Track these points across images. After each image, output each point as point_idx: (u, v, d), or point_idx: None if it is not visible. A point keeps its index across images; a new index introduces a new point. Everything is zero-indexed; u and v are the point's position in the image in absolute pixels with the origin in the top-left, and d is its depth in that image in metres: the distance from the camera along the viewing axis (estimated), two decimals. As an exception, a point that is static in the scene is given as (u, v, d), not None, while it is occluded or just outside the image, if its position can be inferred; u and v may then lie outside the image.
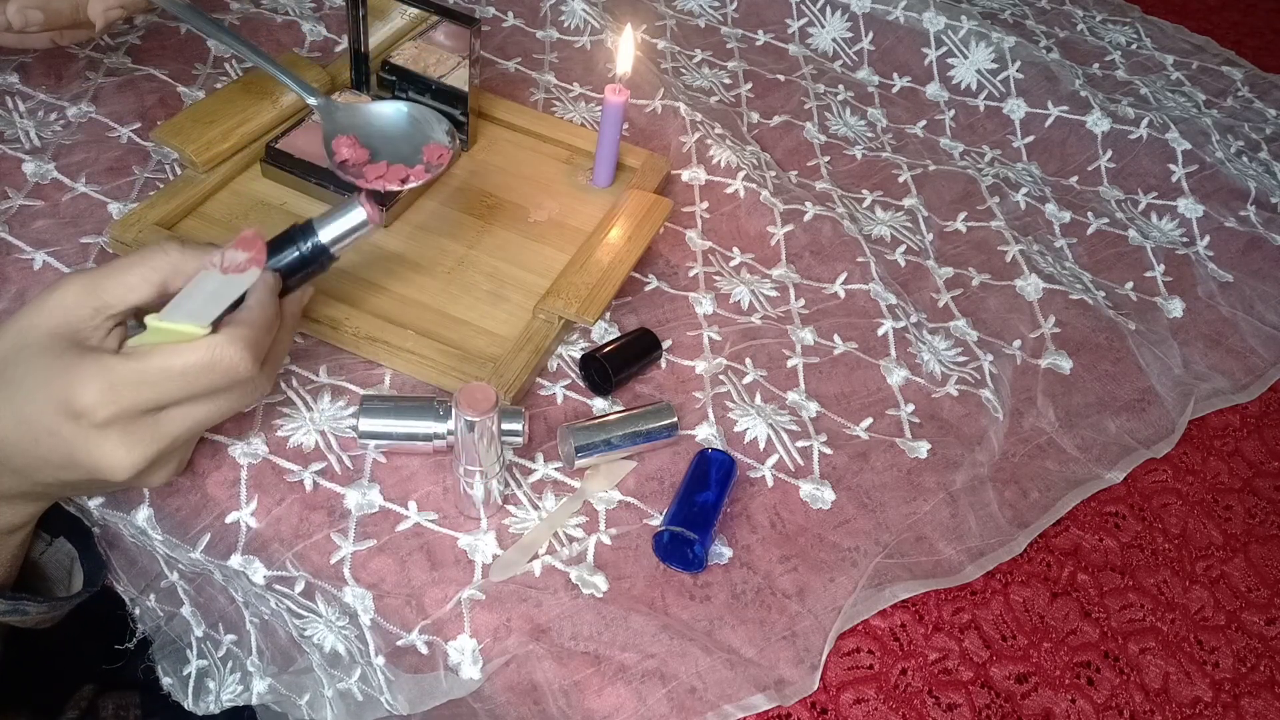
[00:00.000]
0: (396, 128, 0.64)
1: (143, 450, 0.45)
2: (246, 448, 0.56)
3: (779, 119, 0.91)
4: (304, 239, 0.51)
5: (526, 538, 0.55)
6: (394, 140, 0.63)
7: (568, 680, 0.51)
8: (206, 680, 0.61)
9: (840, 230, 0.78)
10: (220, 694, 0.60)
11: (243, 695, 0.59)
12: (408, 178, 0.61)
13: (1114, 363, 0.74)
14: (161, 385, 0.44)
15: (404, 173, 0.61)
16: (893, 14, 1.00)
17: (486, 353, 0.63)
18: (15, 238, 0.65)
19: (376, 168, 0.62)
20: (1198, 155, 0.91)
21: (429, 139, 0.63)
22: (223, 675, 0.60)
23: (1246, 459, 0.71)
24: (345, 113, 0.63)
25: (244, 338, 0.46)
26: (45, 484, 0.47)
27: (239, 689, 0.59)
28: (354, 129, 0.63)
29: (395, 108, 0.64)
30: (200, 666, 0.61)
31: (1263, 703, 0.57)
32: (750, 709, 0.51)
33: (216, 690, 0.60)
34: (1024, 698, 0.55)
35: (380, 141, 0.63)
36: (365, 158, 0.62)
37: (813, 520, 0.60)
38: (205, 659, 0.61)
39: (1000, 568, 0.60)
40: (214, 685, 0.60)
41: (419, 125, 0.64)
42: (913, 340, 0.71)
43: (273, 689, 0.58)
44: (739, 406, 0.64)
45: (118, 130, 0.73)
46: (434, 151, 0.63)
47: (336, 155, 0.62)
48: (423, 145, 0.63)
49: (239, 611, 0.58)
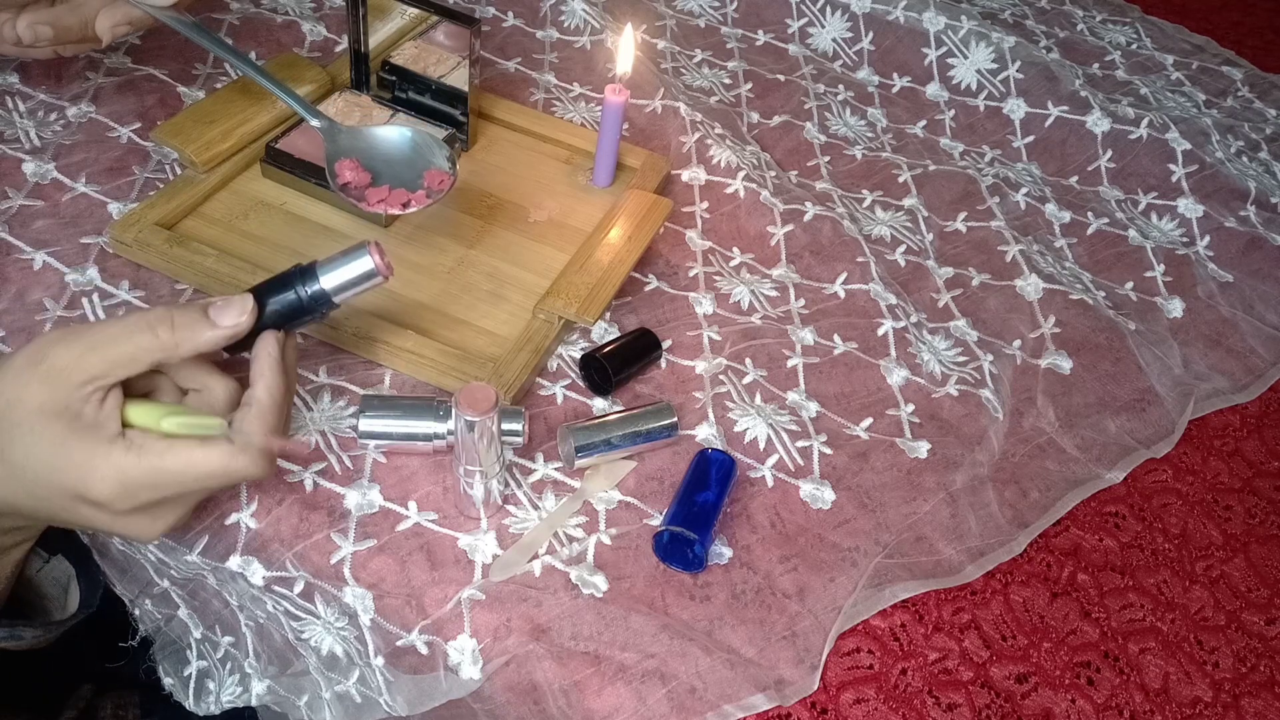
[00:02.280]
0: (399, 152, 0.65)
1: (167, 521, 0.47)
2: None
3: (779, 119, 0.91)
4: (304, 283, 0.49)
5: (526, 538, 0.55)
6: (396, 164, 0.65)
7: (568, 680, 0.50)
8: (207, 681, 0.61)
9: (840, 230, 0.78)
10: (220, 695, 0.60)
11: (242, 696, 0.59)
12: (409, 202, 0.63)
13: (1114, 363, 0.74)
14: (176, 486, 0.44)
15: (405, 197, 0.63)
16: (893, 14, 1.00)
17: (486, 353, 0.63)
18: (15, 238, 0.65)
19: (378, 191, 0.63)
20: (1198, 155, 0.91)
21: (430, 164, 0.65)
22: (222, 676, 0.60)
23: (1246, 459, 0.71)
24: (348, 135, 0.65)
25: (257, 443, 0.45)
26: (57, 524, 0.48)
27: (238, 690, 0.59)
28: (356, 152, 0.64)
29: (399, 132, 0.65)
30: (200, 667, 0.61)
31: (1263, 703, 0.57)
32: (750, 709, 0.51)
33: (217, 691, 0.60)
34: (1024, 698, 0.55)
35: (382, 165, 0.65)
36: (367, 180, 0.64)
37: (813, 520, 0.60)
38: (205, 660, 0.61)
39: (1000, 568, 0.60)
40: (214, 686, 0.60)
41: (421, 150, 0.65)
42: (913, 340, 0.71)
43: (271, 690, 0.58)
44: (739, 406, 0.64)
45: (118, 130, 0.73)
46: (435, 177, 0.64)
47: (339, 178, 0.63)
48: (424, 170, 0.65)
49: (234, 615, 0.58)
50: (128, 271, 0.64)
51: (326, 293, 0.49)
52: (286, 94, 0.64)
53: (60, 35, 0.63)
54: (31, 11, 0.62)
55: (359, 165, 0.64)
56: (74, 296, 0.62)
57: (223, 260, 0.63)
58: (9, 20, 0.62)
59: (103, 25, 0.63)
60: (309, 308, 0.49)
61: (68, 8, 0.63)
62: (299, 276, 0.49)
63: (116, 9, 0.63)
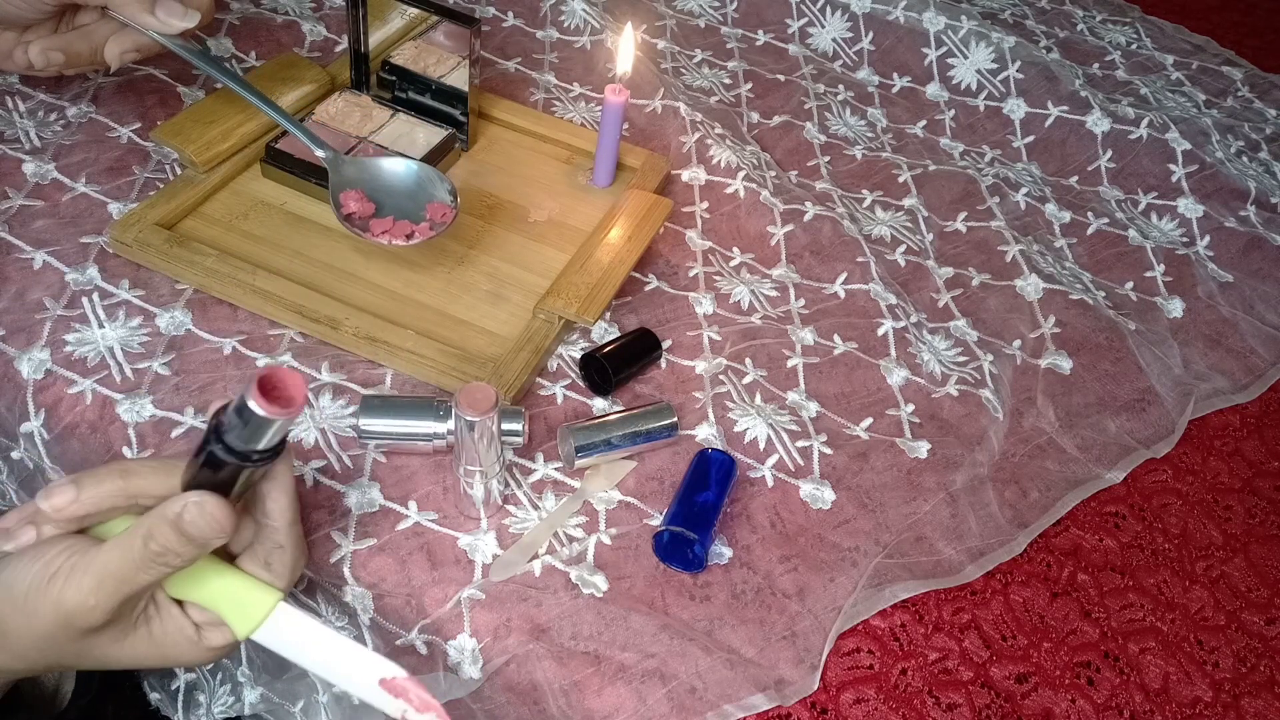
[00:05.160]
0: (402, 184, 0.67)
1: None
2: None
3: (779, 119, 0.91)
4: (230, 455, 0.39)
5: (526, 538, 0.55)
6: (398, 196, 0.66)
7: (568, 680, 0.50)
8: (196, 693, 0.60)
9: (840, 230, 0.78)
10: (212, 706, 0.59)
11: (234, 706, 0.58)
12: (413, 233, 0.64)
13: (1114, 363, 0.74)
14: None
15: (409, 228, 0.65)
16: (893, 14, 1.00)
17: (486, 353, 0.63)
18: (15, 238, 0.65)
19: (383, 222, 0.65)
20: (1198, 155, 0.91)
21: (433, 198, 0.66)
22: (213, 687, 0.59)
23: (1246, 459, 0.71)
24: (352, 167, 0.66)
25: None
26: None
27: (230, 700, 0.59)
28: (361, 183, 0.66)
29: (404, 165, 0.67)
30: (189, 680, 0.60)
31: (1263, 703, 0.57)
32: (750, 709, 0.51)
33: (207, 703, 0.59)
34: (1024, 698, 0.55)
35: (385, 196, 0.66)
36: (371, 211, 0.65)
37: (813, 520, 0.60)
38: (193, 672, 0.60)
39: (1000, 568, 0.60)
40: (204, 698, 0.59)
41: (423, 183, 0.67)
42: (913, 340, 0.71)
43: (265, 698, 0.57)
44: (739, 406, 0.64)
45: (118, 130, 0.73)
46: (438, 210, 0.66)
47: (344, 208, 0.64)
48: (426, 203, 0.66)
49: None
50: (128, 271, 0.64)
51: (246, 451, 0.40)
52: (293, 125, 0.65)
53: (71, 60, 0.64)
54: (44, 38, 0.63)
55: (364, 196, 0.65)
56: (74, 296, 0.62)
57: (223, 260, 0.63)
58: (20, 45, 0.63)
59: (112, 52, 0.64)
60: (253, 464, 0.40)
61: (79, 34, 0.64)
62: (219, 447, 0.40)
63: (125, 37, 0.63)
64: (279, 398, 0.38)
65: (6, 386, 0.59)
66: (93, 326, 0.61)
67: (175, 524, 0.41)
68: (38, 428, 0.58)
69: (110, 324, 0.61)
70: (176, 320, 0.62)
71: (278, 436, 0.40)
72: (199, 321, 0.62)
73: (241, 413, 0.38)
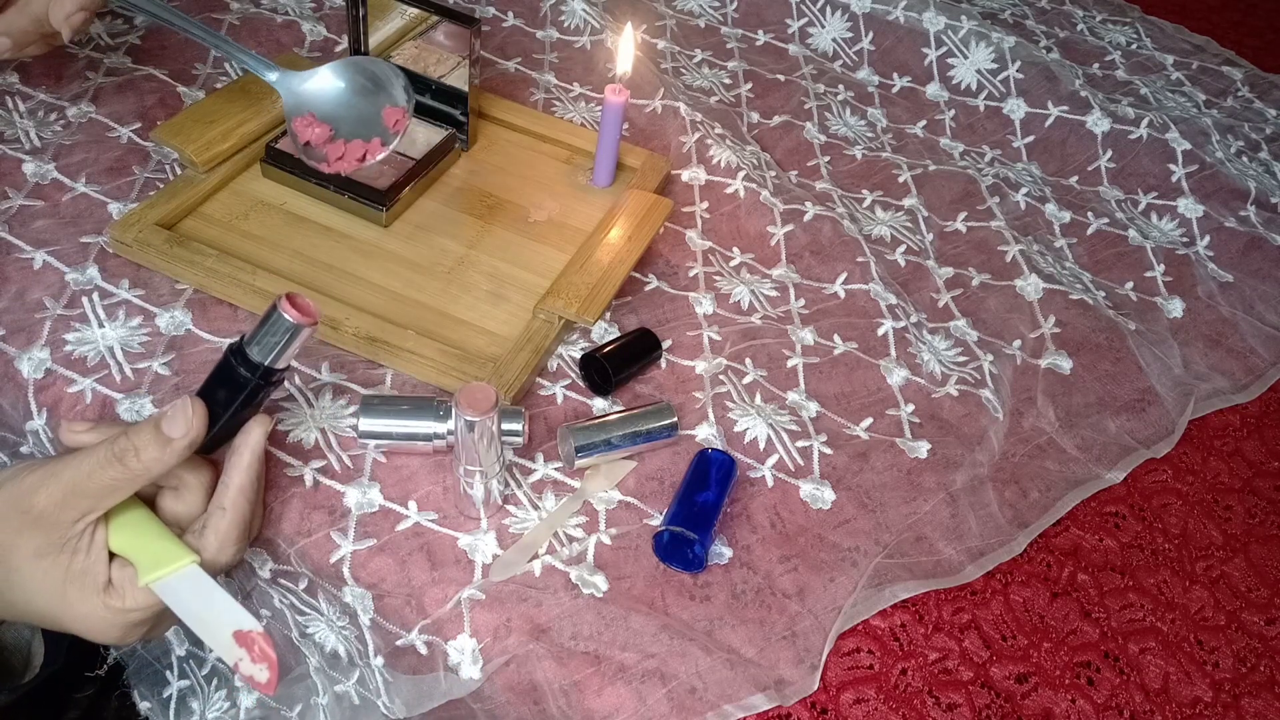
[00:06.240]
0: (353, 94, 0.63)
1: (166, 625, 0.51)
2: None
3: (779, 119, 0.91)
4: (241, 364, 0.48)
5: (526, 538, 0.55)
6: (352, 108, 0.63)
7: (568, 680, 0.50)
8: (189, 701, 0.60)
9: (840, 230, 0.78)
10: (205, 713, 0.59)
11: (230, 712, 0.58)
12: (364, 155, 0.62)
13: (1114, 363, 0.74)
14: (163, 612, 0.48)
15: (361, 149, 0.62)
16: (893, 14, 1.00)
17: (486, 353, 0.63)
18: (15, 237, 0.65)
19: (335, 148, 0.62)
20: (1198, 155, 0.91)
21: (387, 102, 0.62)
22: (207, 694, 0.59)
23: (1246, 459, 0.71)
24: (301, 83, 0.62)
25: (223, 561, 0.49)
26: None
27: (225, 706, 0.58)
28: (312, 104, 0.62)
29: (350, 72, 0.63)
30: (181, 687, 0.60)
31: (1263, 703, 0.57)
32: (750, 709, 0.51)
33: (201, 710, 0.59)
34: (1024, 698, 0.55)
35: (340, 110, 0.63)
36: (326, 135, 0.62)
37: (813, 520, 0.60)
38: (187, 679, 0.60)
39: (1000, 568, 0.60)
40: (198, 706, 0.59)
41: (380, 83, 0.63)
42: (913, 340, 0.71)
43: (261, 703, 0.57)
44: (739, 406, 0.64)
45: (118, 130, 0.73)
46: (391, 115, 0.62)
47: (300, 136, 0.62)
48: (382, 109, 0.63)
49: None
50: (128, 271, 0.64)
51: (263, 364, 0.48)
52: (237, 50, 0.62)
53: (19, 40, 0.61)
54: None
55: (314, 119, 0.62)
56: (74, 296, 0.62)
57: (223, 260, 0.63)
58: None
59: (57, 18, 0.61)
60: (257, 386, 0.49)
61: (16, 10, 0.61)
62: (234, 359, 0.48)
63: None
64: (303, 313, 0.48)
65: (8, 386, 0.59)
66: (93, 326, 0.61)
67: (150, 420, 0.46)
68: (41, 426, 0.58)
69: (110, 324, 0.61)
70: (176, 320, 0.62)
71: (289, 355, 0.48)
72: (199, 321, 0.62)
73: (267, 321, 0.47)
